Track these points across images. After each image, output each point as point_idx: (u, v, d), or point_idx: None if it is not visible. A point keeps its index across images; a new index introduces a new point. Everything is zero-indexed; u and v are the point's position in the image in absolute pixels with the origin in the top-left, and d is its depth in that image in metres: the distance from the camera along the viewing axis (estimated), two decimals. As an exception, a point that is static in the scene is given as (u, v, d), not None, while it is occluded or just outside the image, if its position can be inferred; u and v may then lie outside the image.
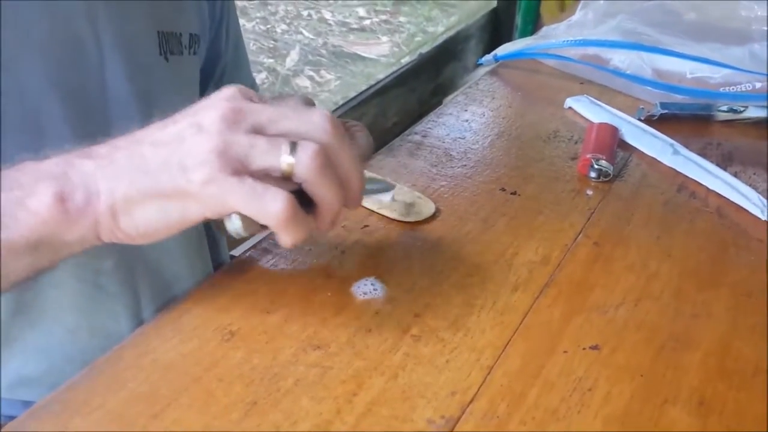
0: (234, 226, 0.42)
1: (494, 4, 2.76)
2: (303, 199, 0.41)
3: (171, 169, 0.40)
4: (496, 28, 2.71)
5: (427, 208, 0.57)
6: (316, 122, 0.42)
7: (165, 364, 0.42)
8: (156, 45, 0.61)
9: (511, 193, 0.60)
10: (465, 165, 0.64)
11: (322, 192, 0.42)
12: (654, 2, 0.89)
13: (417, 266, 0.51)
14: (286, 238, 0.41)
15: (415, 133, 0.70)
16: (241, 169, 0.40)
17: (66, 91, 0.54)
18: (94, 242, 0.43)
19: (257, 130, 0.41)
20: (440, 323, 0.46)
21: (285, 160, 0.40)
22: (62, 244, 0.42)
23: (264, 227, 0.42)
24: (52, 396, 0.40)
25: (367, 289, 0.48)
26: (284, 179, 0.41)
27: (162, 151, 0.41)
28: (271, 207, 0.39)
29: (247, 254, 0.52)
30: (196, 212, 0.41)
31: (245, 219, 0.41)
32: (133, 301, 0.60)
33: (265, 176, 0.40)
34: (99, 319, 0.59)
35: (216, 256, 0.73)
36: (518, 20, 2.62)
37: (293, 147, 0.40)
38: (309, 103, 0.51)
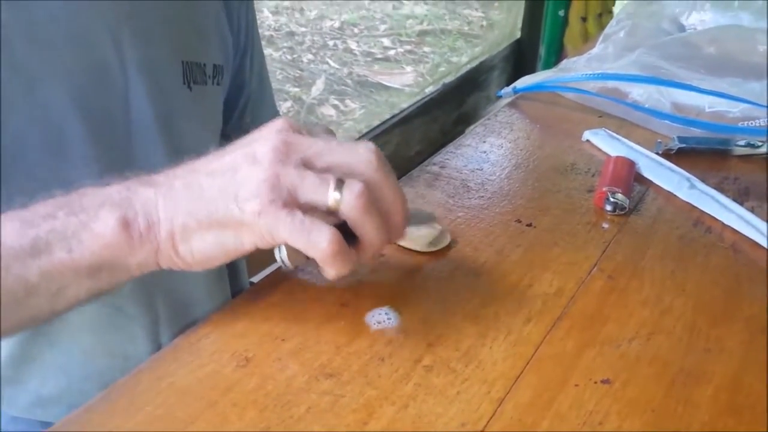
0: (282, 255, 0.44)
1: (518, 35, 2.79)
2: (347, 231, 0.43)
3: (226, 199, 0.42)
4: (520, 59, 2.73)
5: (444, 238, 0.57)
6: (363, 156, 0.44)
7: (181, 388, 0.43)
8: (180, 74, 0.63)
9: (527, 225, 0.61)
10: (482, 196, 0.65)
11: (366, 229, 0.44)
12: (674, 36, 0.89)
13: (431, 296, 0.52)
14: (330, 271, 0.43)
15: (434, 164, 0.71)
16: (290, 202, 0.42)
17: (89, 113, 0.56)
18: (153, 267, 0.45)
19: (306, 163, 0.43)
20: (452, 354, 0.46)
21: (332, 196, 0.42)
22: (123, 268, 0.44)
23: (309, 259, 0.44)
24: (70, 417, 0.41)
25: (381, 318, 0.49)
26: (330, 213, 0.42)
27: (218, 181, 0.43)
28: (319, 242, 0.41)
29: (265, 281, 0.53)
30: (249, 241, 0.43)
31: (292, 250, 0.43)
32: (152, 323, 0.62)
33: (311, 208, 0.42)
34: (117, 340, 0.61)
35: (235, 281, 0.75)
36: (542, 51, 2.64)
37: (339, 185, 0.42)
38: (330, 133, 0.53)
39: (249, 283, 0.80)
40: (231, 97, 0.76)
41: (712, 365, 0.46)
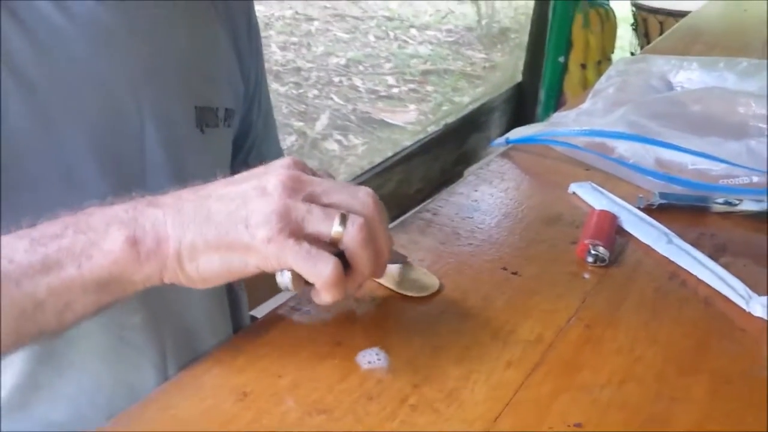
0: (284, 280, 0.48)
1: (519, 78, 2.85)
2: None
3: (236, 224, 0.46)
4: (520, 102, 2.79)
5: (432, 283, 0.61)
6: (362, 198, 0.49)
7: (183, 419, 0.46)
8: (193, 118, 0.67)
9: (512, 273, 0.64)
10: (471, 243, 0.69)
11: (362, 261, 0.48)
12: (660, 96, 0.94)
13: (419, 339, 0.55)
14: (326, 297, 0.47)
15: (427, 211, 0.75)
16: (297, 232, 0.46)
17: (105, 156, 0.59)
18: (157, 283, 0.48)
19: (312, 199, 0.47)
20: (436, 395, 0.50)
21: (335, 229, 0.46)
22: (129, 283, 0.47)
23: (308, 284, 0.48)
24: (81, 443, 0.45)
25: (371, 358, 0.53)
26: (330, 244, 0.47)
27: (228, 207, 0.46)
28: (323, 270, 0.46)
29: (264, 320, 0.57)
30: (254, 265, 0.47)
31: (294, 275, 0.47)
32: (158, 355, 0.65)
33: (315, 239, 0.46)
34: (125, 371, 0.64)
35: (237, 315, 0.78)
36: (542, 95, 2.70)
37: (343, 218, 0.46)
38: (330, 177, 0.57)
39: (250, 316, 0.83)
40: (238, 139, 0.81)
41: (678, 413, 0.49)
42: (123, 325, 0.62)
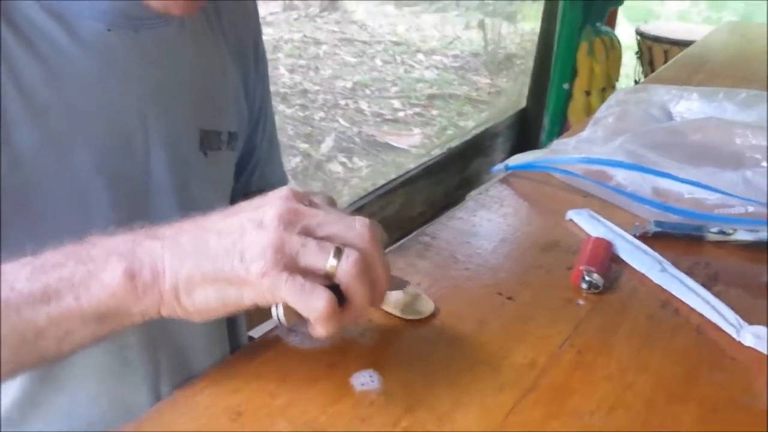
0: (278, 313, 0.48)
1: (524, 104, 2.87)
2: (334, 293, 0.47)
3: (232, 258, 0.46)
4: (524, 128, 2.81)
5: (428, 307, 0.62)
6: (358, 230, 0.49)
7: (177, 437, 0.47)
8: (197, 141, 0.69)
9: (507, 298, 0.65)
10: (468, 268, 0.70)
11: (357, 293, 0.48)
12: (658, 126, 0.95)
13: (413, 362, 0.56)
14: (320, 330, 0.48)
15: (426, 235, 0.76)
16: (291, 266, 0.46)
17: (112, 178, 0.61)
18: (155, 315, 0.48)
19: (308, 232, 0.48)
20: (428, 417, 0.50)
21: (330, 263, 0.47)
22: (127, 315, 0.47)
23: (302, 317, 0.48)
24: (76, 459, 0.45)
25: (365, 380, 0.53)
26: (325, 277, 0.47)
27: (225, 241, 0.47)
28: (316, 304, 0.46)
29: (259, 341, 0.58)
30: (249, 298, 0.47)
31: (288, 309, 0.48)
32: (154, 374, 0.66)
33: (310, 272, 0.47)
34: (121, 389, 0.64)
35: (234, 336, 0.79)
36: (546, 121, 2.72)
37: (338, 252, 0.47)
38: (332, 202, 0.58)
39: (248, 336, 0.84)
40: (242, 160, 0.82)
41: (667, 440, 0.50)
42: (120, 344, 0.63)
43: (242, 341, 0.81)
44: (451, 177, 2.52)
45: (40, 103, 0.56)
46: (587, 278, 0.66)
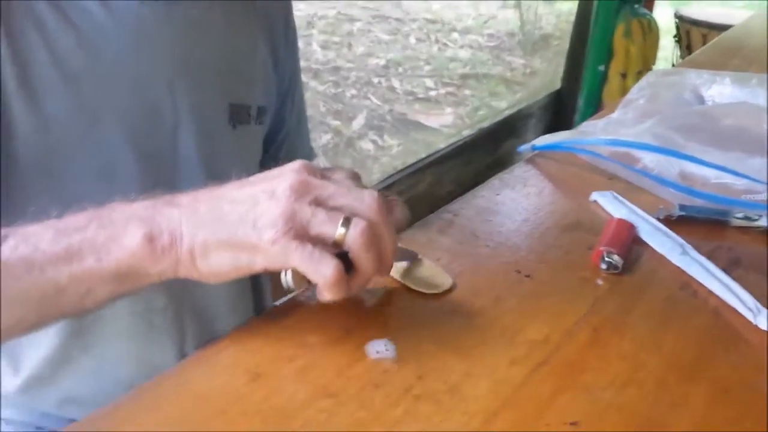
0: (287, 279, 0.51)
1: (558, 85, 2.85)
2: (343, 261, 0.49)
3: (246, 225, 0.48)
4: (558, 109, 2.79)
5: (446, 282, 0.63)
6: (367, 201, 0.51)
7: (198, 394, 0.49)
8: (227, 115, 0.70)
9: (525, 276, 0.66)
10: (488, 246, 0.71)
11: (364, 261, 0.50)
12: (687, 109, 0.94)
13: (428, 334, 0.57)
14: (327, 295, 0.50)
15: (448, 212, 0.77)
16: (302, 234, 0.48)
17: (141, 150, 0.62)
18: (171, 276, 0.51)
19: (318, 203, 0.49)
20: (440, 386, 0.52)
21: (339, 231, 0.49)
22: (145, 276, 0.50)
23: (311, 283, 0.50)
24: (98, 412, 0.48)
25: (380, 348, 0.55)
26: (334, 245, 0.49)
27: (239, 209, 0.49)
28: (324, 270, 0.48)
29: (281, 306, 0.59)
30: (261, 263, 0.49)
31: (296, 275, 0.50)
32: (179, 336, 0.68)
33: (319, 240, 0.49)
34: (147, 350, 0.67)
35: (259, 300, 0.81)
36: (580, 103, 2.69)
37: (347, 221, 0.49)
38: (355, 177, 0.59)
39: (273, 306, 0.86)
40: (271, 133, 0.83)
41: (676, 418, 0.50)
42: (148, 308, 0.66)
43: (267, 307, 0.83)
44: (482, 157, 2.51)
45: (73, 70, 0.57)
46: (607, 259, 0.66)
